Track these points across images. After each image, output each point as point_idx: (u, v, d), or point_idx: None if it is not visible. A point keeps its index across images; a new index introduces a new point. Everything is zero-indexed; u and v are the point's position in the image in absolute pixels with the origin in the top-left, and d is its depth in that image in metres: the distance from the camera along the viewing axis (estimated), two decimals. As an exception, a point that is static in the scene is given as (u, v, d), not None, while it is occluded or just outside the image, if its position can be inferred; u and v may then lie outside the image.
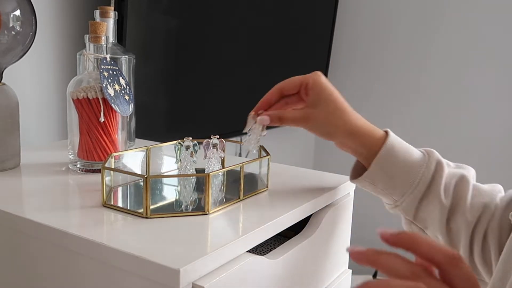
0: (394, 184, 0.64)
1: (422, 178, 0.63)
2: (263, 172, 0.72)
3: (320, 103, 0.64)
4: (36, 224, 0.53)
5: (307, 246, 0.64)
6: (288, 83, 0.67)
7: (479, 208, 0.62)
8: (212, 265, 0.48)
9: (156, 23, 1.11)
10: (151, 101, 1.13)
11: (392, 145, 0.64)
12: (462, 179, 0.64)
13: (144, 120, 1.00)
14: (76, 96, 0.70)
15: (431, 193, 0.64)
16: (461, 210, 0.62)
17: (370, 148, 0.65)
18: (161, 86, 1.17)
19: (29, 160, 0.77)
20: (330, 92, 0.65)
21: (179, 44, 1.19)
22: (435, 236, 0.66)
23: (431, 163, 0.64)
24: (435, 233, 0.65)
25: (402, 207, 0.65)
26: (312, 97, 0.65)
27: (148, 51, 1.10)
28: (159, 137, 0.93)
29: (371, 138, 0.65)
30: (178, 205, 0.61)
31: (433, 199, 0.63)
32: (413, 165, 0.64)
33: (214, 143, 0.65)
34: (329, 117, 0.64)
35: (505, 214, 0.61)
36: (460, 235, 0.63)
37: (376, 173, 0.65)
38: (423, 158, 0.65)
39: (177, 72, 1.20)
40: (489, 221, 0.61)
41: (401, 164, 0.64)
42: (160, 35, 1.13)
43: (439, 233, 0.64)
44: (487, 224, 0.61)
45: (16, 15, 0.71)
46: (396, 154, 0.64)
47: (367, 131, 0.65)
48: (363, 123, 0.66)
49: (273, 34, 1.50)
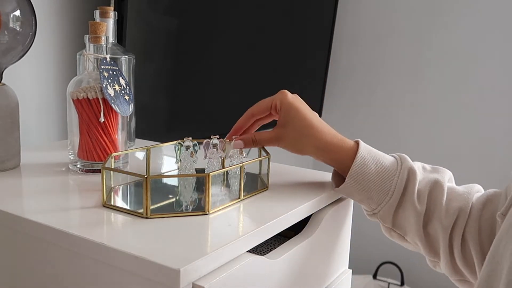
0: (370, 195, 0.66)
1: (396, 187, 0.65)
2: (263, 172, 0.72)
3: (289, 122, 0.67)
4: (36, 224, 0.53)
5: (307, 246, 0.64)
6: (258, 108, 0.70)
7: (455, 212, 0.63)
8: (212, 265, 0.48)
9: (156, 23, 1.11)
10: (151, 101, 1.13)
11: (363, 158, 0.66)
12: (436, 185, 0.65)
13: (144, 120, 1.00)
14: (76, 96, 0.70)
15: (406, 201, 0.65)
16: (436, 216, 0.64)
17: (342, 163, 0.67)
18: (161, 86, 1.17)
19: (29, 160, 0.77)
20: (297, 110, 0.67)
21: (179, 44, 1.19)
22: (415, 243, 0.67)
23: (404, 171, 0.65)
24: (414, 240, 0.67)
25: (380, 215, 0.67)
26: (282, 118, 0.68)
27: (148, 51, 1.10)
28: (159, 137, 0.93)
29: (341, 153, 0.67)
30: (178, 205, 0.61)
31: (408, 206, 0.65)
32: (386, 175, 0.65)
33: (214, 143, 0.65)
34: (298, 135, 0.67)
35: (483, 214, 0.62)
36: (438, 240, 0.64)
37: (351, 187, 0.66)
38: (396, 167, 0.66)
39: (177, 72, 1.20)
40: (466, 224, 0.62)
41: (374, 176, 0.65)
42: (160, 35, 1.13)
43: (418, 239, 0.65)
44: (464, 226, 0.62)
45: (16, 15, 0.71)
46: (369, 166, 0.66)
47: (336, 146, 0.67)
48: (332, 137, 0.68)
49: (273, 34, 1.50)
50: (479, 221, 0.62)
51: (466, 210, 0.63)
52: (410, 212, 0.65)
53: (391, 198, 0.65)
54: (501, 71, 1.62)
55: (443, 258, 0.64)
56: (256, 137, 0.68)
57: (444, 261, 0.64)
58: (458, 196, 0.64)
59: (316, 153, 0.68)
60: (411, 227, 0.65)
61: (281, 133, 0.68)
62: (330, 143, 0.67)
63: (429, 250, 0.66)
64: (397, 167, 0.66)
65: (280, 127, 0.68)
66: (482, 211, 0.62)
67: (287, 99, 0.68)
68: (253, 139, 0.68)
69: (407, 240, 0.68)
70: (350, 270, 0.79)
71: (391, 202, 0.65)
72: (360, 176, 0.65)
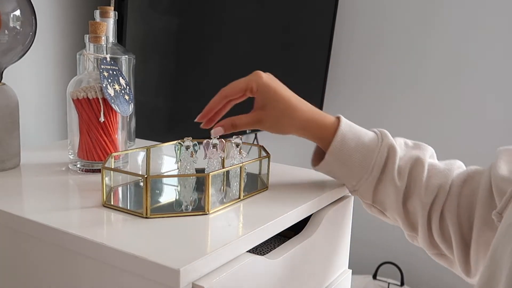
0: (350, 171, 0.67)
1: (375, 164, 0.65)
2: (263, 172, 0.72)
3: (268, 104, 0.66)
4: (36, 224, 0.53)
5: (307, 246, 0.64)
6: (232, 90, 0.68)
7: (434, 189, 0.63)
8: (212, 265, 0.48)
9: (156, 23, 1.11)
10: (151, 101, 1.13)
11: (343, 135, 0.66)
12: (417, 162, 0.65)
13: (144, 120, 1.00)
14: (76, 96, 0.70)
15: (386, 177, 0.66)
16: (416, 192, 0.64)
17: (324, 139, 0.67)
18: (161, 86, 1.17)
19: (29, 160, 0.77)
20: (275, 91, 0.66)
21: (179, 44, 1.19)
22: (394, 218, 0.68)
23: (384, 148, 0.66)
24: (393, 215, 0.68)
25: (360, 191, 0.68)
26: (260, 100, 0.67)
27: (148, 51, 1.10)
28: (159, 137, 0.93)
29: (323, 129, 0.67)
30: (178, 205, 0.61)
31: (388, 183, 0.65)
32: (366, 152, 0.66)
33: (214, 143, 0.65)
34: (279, 115, 0.67)
35: (463, 191, 0.63)
36: (417, 216, 0.65)
37: (331, 163, 0.67)
38: (376, 143, 0.66)
39: (177, 72, 1.20)
40: (445, 201, 0.63)
41: (354, 152, 0.66)
42: (160, 35, 1.13)
43: (397, 214, 0.66)
44: (443, 203, 0.63)
45: (16, 15, 0.71)
46: (349, 142, 0.66)
47: (317, 122, 0.67)
48: (313, 114, 0.67)
49: (273, 34, 1.50)
50: (458, 198, 0.63)
51: (446, 187, 0.63)
52: (390, 188, 0.65)
53: (371, 175, 0.66)
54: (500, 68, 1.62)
55: (421, 233, 0.65)
56: (236, 122, 0.67)
57: (422, 236, 0.65)
58: (438, 173, 0.65)
59: (297, 131, 0.68)
60: (391, 203, 0.66)
61: (260, 115, 0.67)
62: (311, 120, 0.67)
63: (408, 226, 0.67)
64: (377, 144, 0.66)
65: (259, 109, 0.67)
66: (462, 188, 0.63)
67: (263, 80, 0.67)
68: (233, 124, 0.67)
69: (387, 215, 0.69)
70: (350, 270, 0.79)
71: (370, 179, 0.66)
72: (340, 153, 0.66)
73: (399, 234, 1.96)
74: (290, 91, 0.69)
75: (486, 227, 0.59)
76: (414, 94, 1.78)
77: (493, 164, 0.61)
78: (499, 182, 0.58)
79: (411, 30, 1.76)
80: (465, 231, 0.62)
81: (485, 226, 0.60)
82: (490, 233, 0.59)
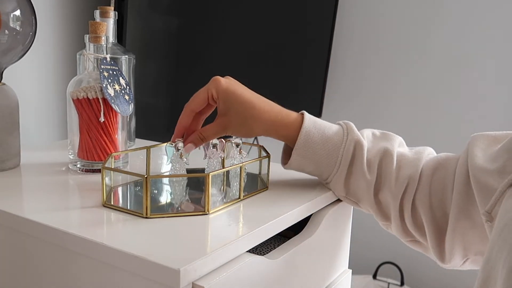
0: (318, 167, 0.67)
1: (342, 159, 0.66)
2: (263, 172, 0.72)
3: (230, 108, 0.66)
4: (36, 224, 0.53)
5: (307, 246, 0.64)
6: (195, 102, 0.68)
7: (404, 180, 0.64)
8: (212, 265, 0.47)
9: (156, 23, 1.11)
10: (151, 101, 1.13)
11: (307, 131, 0.66)
12: (386, 153, 0.66)
13: (144, 120, 1.00)
14: (76, 96, 0.70)
15: (355, 171, 0.66)
16: (387, 184, 0.65)
17: (289, 137, 0.67)
18: (161, 86, 1.17)
19: (29, 160, 0.77)
20: (235, 94, 0.66)
21: (179, 44, 1.19)
22: (367, 209, 0.69)
23: (350, 144, 0.66)
24: (366, 207, 0.68)
25: (331, 185, 0.69)
26: (221, 105, 0.67)
27: (148, 51, 1.10)
28: (159, 137, 0.93)
29: (288, 128, 0.67)
30: (173, 206, 0.61)
31: (358, 176, 0.66)
32: (331, 147, 0.66)
33: (214, 143, 0.65)
34: (242, 119, 0.66)
35: (434, 180, 0.63)
36: (389, 207, 0.66)
37: (298, 160, 0.67)
38: (341, 138, 0.67)
39: (177, 72, 1.20)
40: (416, 190, 0.64)
41: (319, 149, 0.66)
42: (160, 35, 1.13)
43: (369, 206, 0.67)
44: (414, 193, 0.64)
45: (16, 15, 0.71)
46: (313, 139, 0.66)
47: (282, 122, 0.67)
48: (276, 114, 0.67)
49: (273, 34, 1.50)
50: (429, 187, 0.63)
51: (416, 177, 0.64)
52: (360, 181, 0.66)
53: (338, 170, 0.66)
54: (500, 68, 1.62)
55: (394, 223, 0.66)
56: (203, 134, 0.67)
57: (395, 225, 0.66)
58: (408, 163, 0.65)
59: (264, 132, 0.68)
60: (362, 195, 0.67)
61: (224, 122, 0.66)
62: (275, 120, 0.67)
63: (381, 216, 0.67)
64: (343, 138, 0.66)
65: (222, 115, 0.66)
66: (432, 177, 0.63)
67: (221, 85, 0.66)
68: (201, 137, 0.66)
69: (361, 206, 0.70)
70: (350, 270, 0.79)
71: (338, 174, 0.67)
72: (305, 149, 0.66)
73: (399, 234, 1.94)
74: (251, 92, 0.68)
75: (462, 215, 0.59)
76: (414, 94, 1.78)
77: (469, 152, 0.60)
78: (476, 172, 0.57)
79: (411, 30, 1.76)
80: (438, 218, 0.63)
81: (461, 214, 0.60)
82: (466, 221, 0.59)
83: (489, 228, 0.53)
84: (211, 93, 0.67)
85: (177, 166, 0.63)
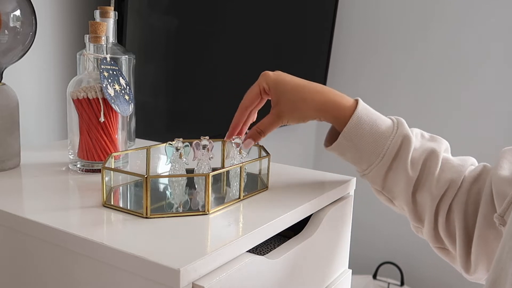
0: (361, 155, 0.67)
1: (388, 150, 0.66)
2: (263, 172, 0.72)
3: (281, 97, 0.68)
4: (36, 224, 0.53)
5: (307, 246, 0.64)
6: (248, 99, 0.71)
7: (446, 183, 0.64)
8: (212, 265, 0.48)
9: (156, 23, 1.11)
10: (151, 101, 1.13)
11: (359, 118, 0.66)
12: (432, 154, 0.65)
13: (144, 120, 1.00)
14: (76, 96, 0.70)
15: (398, 165, 0.66)
16: (427, 184, 0.64)
17: (341, 120, 0.67)
18: (161, 86, 1.17)
19: (29, 160, 0.77)
20: (284, 83, 0.68)
21: (179, 44, 1.19)
22: (402, 207, 0.68)
23: (398, 137, 0.66)
24: (401, 204, 0.68)
25: (369, 176, 0.68)
26: (273, 96, 0.69)
27: (148, 51, 1.10)
28: (159, 137, 0.93)
29: (341, 110, 0.67)
30: (171, 206, 0.61)
31: (399, 171, 0.66)
32: (379, 137, 0.66)
33: (204, 144, 0.64)
34: (294, 104, 0.68)
35: (472, 188, 0.63)
36: (425, 208, 0.65)
37: (343, 145, 0.67)
38: (391, 130, 0.66)
39: (177, 72, 1.20)
40: (455, 196, 0.63)
41: (368, 136, 0.66)
42: (160, 35, 1.13)
43: (405, 204, 0.67)
44: (452, 198, 0.63)
45: (16, 15, 0.71)
46: (363, 126, 0.66)
47: (335, 103, 0.67)
48: (329, 96, 0.68)
49: (273, 34, 1.50)
50: (467, 195, 0.63)
51: (457, 182, 0.64)
52: (401, 177, 0.65)
53: (381, 161, 0.66)
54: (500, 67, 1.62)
55: (427, 226, 0.65)
56: (260, 128, 0.69)
57: (428, 228, 0.66)
58: (451, 167, 0.65)
59: (315, 113, 0.68)
60: (400, 191, 0.66)
61: (278, 111, 0.68)
62: (328, 100, 0.67)
63: (415, 216, 0.67)
64: (392, 131, 0.66)
65: (275, 106, 0.69)
66: (472, 185, 0.64)
67: (270, 77, 0.69)
68: (258, 131, 0.69)
69: (395, 204, 0.69)
70: (350, 270, 0.79)
71: (380, 165, 0.66)
72: (353, 135, 0.66)
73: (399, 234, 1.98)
74: (300, 79, 0.69)
75: (487, 225, 0.60)
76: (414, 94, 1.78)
77: (497, 163, 0.61)
78: (497, 183, 0.59)
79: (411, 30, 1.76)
80: (470, 228, 0.62)
81: (485, 223, 0.60)
82: (490, 231, 0.60)
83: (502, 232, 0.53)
84: (262, 86, 0.69)
85: (177, 166, 0.63)
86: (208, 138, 0.65)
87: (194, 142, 0.64)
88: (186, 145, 0.64)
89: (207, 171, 0.63)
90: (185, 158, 0.63)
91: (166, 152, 0.65)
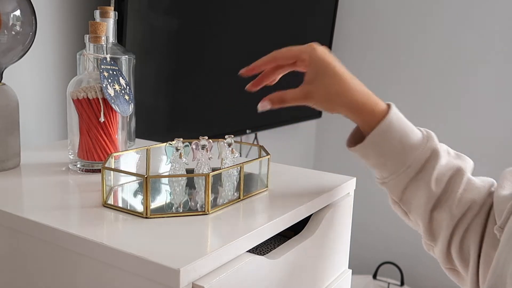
0: (385, 162, 0.64)
1: (414, 162, 0.62)
2: (263, 172, 0.72)
3: (319, 78, 0.62)
4: (36, 224, 0.53)
5: (307, 246, 0.64)
6: (283, 54, 0.65)
7: (467, 203, 0.61)
8: (212, 265, 0.48)
9: (156, 23, 1.11)
10: (151, 101, 1.13)
11: (389, 124, 0.62)
12: (458, 172, 0.63)
13: (144, 120, 1.00)
14: (76, 96, 0.70)
15: (421, 179, 0.63)
16: (449, 202, 0.62)
17: (370, 123, 0.63)
18: (161, 86, 1.18)
19: (29, 160, 0.77)
20: (327, 65, 0.63)
21: (179, 44, 1.19)
22: (417, 222, 0.66)
23: (427, 150, 0.63)
24: (416, 219, 0.65)
25: (389, 185, 0.65)
26: (310, 73, 0.63)
27: (148, 51, 1.10)
28: (159, 137, 0.93)
29: (372, 114, 0.63)
30: (172, 206, 0.61)
31: (422, 184, 0.63)
32: (407, 147, 0.63)
33: (203, 144, 0.64)
34: (328, 93, 0.62)
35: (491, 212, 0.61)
36: (441, 227, 0.62)
37: (369, 148, 0.63)
38: (421, 142, 0.63)
39: (177, 72, 1.20)
40: (474, 218, 0.61)
41: (395, 144, 0.62)
42: (160, 35, 1.13)
43: (421, 219, 0.64)
44: (471, 220, 0.61)
45: (16, 15, 0.71)
46: (393, 133, 0.62)
47: (369, 108, 0.63)
48: (365, 98, 0.63)
49: (273, 34, 1.50)
50: (485, 217, 0.61)
51: (478, 203, 0.61)
52: (422, 190, 0.63)
53: (405, 172, 0.63)
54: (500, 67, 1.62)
55: (440, 245, 0.63)
56: (284, 96, 0.63)
57: (441, 247, 0.63)
58: (474, 188, 0.62)
59: (346, 111, 0.64)
60: (418, 205, 0.63)
61: (309, 90, 0.63)
62: (365, 102, 0.63)
63: (429, 234, 0.64)
64: (422, 143, 0.63)
65: (308, 83, 0.63)
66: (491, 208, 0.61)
67: (316, 53, 0.63)
68: (281, 98, 0.63)
69: (410, 218, 0.66)
70: (350, 270, 0.79)
71: (404, 176, 0.63)
72: (381, 140, 0.62)
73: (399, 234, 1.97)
74: (344, 68, 0.64)
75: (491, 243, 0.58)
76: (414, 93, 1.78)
77: (498, 183, 0.60)
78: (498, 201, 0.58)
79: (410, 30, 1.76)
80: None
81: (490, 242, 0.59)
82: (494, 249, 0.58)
83: None
84: (304, 56, 0.63)
85: (177, 166, 0.63)
86: (207, 138, 0.65)
87: (193, 143, 0.64)
88: (186, 145, 0.64)
89: (207, 171, 0.63)
90: (185, 158, 0.63)
91: (166, 152, 0.65)
